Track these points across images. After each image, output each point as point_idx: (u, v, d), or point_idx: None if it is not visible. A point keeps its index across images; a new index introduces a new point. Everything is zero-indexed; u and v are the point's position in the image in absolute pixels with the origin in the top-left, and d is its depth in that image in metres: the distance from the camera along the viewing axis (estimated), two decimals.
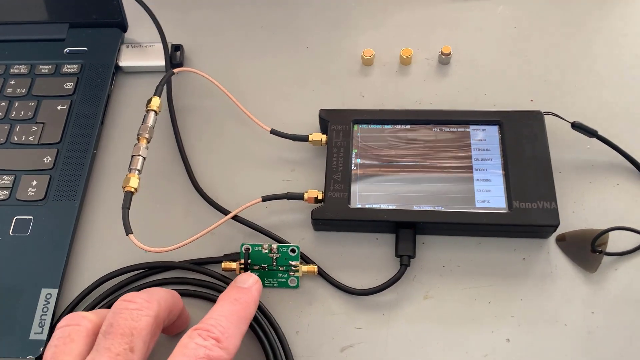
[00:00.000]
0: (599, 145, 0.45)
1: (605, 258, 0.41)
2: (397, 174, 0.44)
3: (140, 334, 0.32)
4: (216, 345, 0.32)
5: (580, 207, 0.44)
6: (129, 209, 0.41)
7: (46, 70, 0.51)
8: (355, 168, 0.44)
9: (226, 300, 0.36)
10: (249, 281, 0.37)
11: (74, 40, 0.53)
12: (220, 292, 0.41)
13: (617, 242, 0.41)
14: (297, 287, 0.42)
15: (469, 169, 0.44)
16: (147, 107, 0.45)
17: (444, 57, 0.51)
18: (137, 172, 0.42)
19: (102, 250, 0.44)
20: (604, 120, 0.47)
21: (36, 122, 0.48)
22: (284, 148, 0.48)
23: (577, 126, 0.45)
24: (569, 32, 0.53)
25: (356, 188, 0.43)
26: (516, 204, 0.41)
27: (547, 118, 0.45)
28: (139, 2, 0.52)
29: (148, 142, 0.44)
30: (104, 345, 0.31)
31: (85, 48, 0.52)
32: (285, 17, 0.56)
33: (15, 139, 0.48)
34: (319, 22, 0.55)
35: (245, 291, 0.36)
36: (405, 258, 0.41)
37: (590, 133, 0.45)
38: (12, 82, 0.51)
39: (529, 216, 0.41)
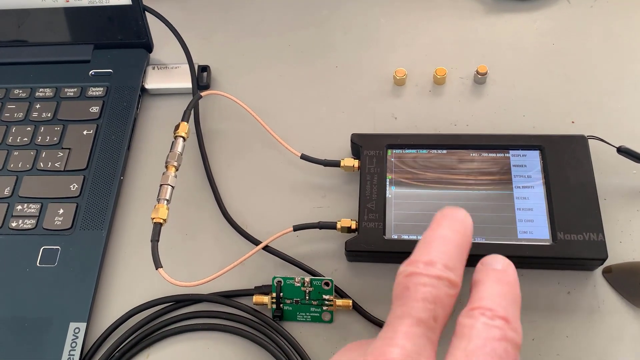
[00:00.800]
0: None
1: None
2: (434, 202, 0.42)
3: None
4: (507, 326, 0.26)
5: (628, 236, 0.42)
6: (158, 241, 0.40)
7: (71, 94, 0.50)
8: (390, 196, 0.43)
9: (488, 281, 0.30)
10: (502, 263, 0.31)
11: (99, 62, 0.52)
12: (252, 326, 0.40)
13: None
14: (331, 321, 0.41)
15: (510, 197, 0.42)
16: (175, 133, 0.44)
17: (479, 76, 0.49)
18: (165, 202, 0.41)
19: (130, 281, 0.43)
20: None
21: (62, 148, 0.48)
22: (315, 173, 0.46)
23: (623, 151, 0.43)
24: (611, 48, 0.50)
25: (391, 217, 0.42)
26: (561, 236, 0.39)
27: (591, 142, 0.43)
28: (164, 22, 0.51)
29: (177, 169, 0.43)
30: None
31: (110, 70, 0.51)
32: (314, 36, 0.54)
33: (42, 165, 0.47)
34: (349, 41, 0.54)
35: (503, 273, 0.31)
36: None
37: (637, 158, 0.43)
38: (38, 105, 0.50)
39: (574, 249, 0.39)
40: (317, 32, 0.55)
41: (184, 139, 0.44)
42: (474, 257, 0.40)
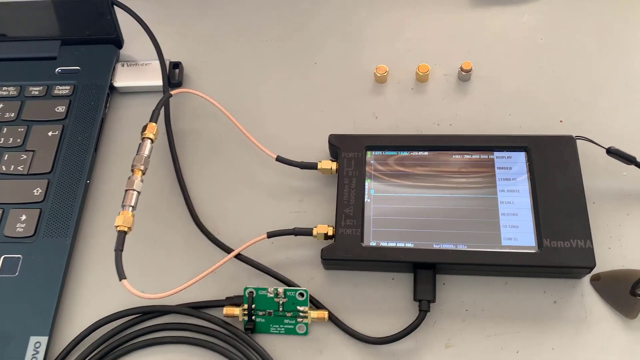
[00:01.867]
0: (637, 173, 0.41)
1: None
2: (415, 207, 0.40)
3: None
4: None
5: (617, 242, 0.40)
6: (122, 250, 0.37)
7: (37, 92, 0.48)
8: (369, 200, 0.41)
9: None
10: None
11: (66, 59, 0.49)
12: (222, 339, 0.38)
13: None
14: (306, 334, 0.39)
15: (494, 201, 0.40)
16: (142, 135, 0.42)
17: (464, 73, 0.46)
18: (130, 208, 0.39)
19: (95, 292, 0.41)
20: None
21: (26, 150, 0.45)
22: (291, 176, 0.44)
23: (612, 152, 0.41)
24: (602, 43, 0.48)
25: (370, 223, 0.40)
26: (547, 243, 0.37)
27: (579, 143, 0.41)
28: (133, 16, 0.48)
29: (143, 173, 0.40)
30: None
31: (78, 67, 0.49)
32: (292, 30, 0.52)
33: (3, 169, 0.44)
34: (329, 36, 0.51)
35: None
36: (424, 303, 0.38)
37: (628, 160, 0.41)
38: (1, 105, 0.47)
39: (561, 257, 0.37)
40: (295, 26, 0.52)
41: (152, 141, 0.42)
42: (457, 265, 0.39)
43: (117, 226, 0.38)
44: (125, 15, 0.48)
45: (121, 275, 0.37)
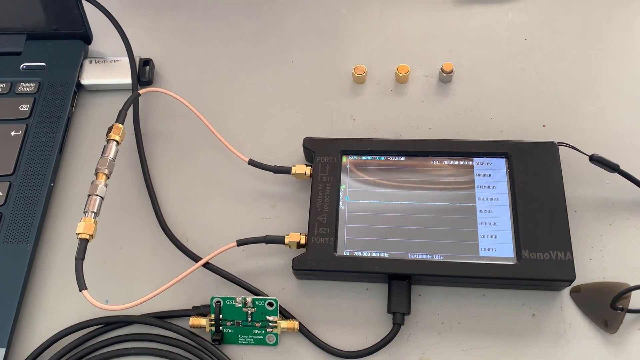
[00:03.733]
0: (621, 181, 0.40)
1: (628, 316, 0.36)
2: (390, 215, 0.38)
3: None
4: None
5: (598, 253, 0.38)
6: (83, 259, 0.36)
7: None
8: (344, 207, 0.39)
9: None
10: None
11: (31, 54, 0.47)
12: (188, 351, 0.37)
13: None
14: (276, 344, 0.37)
15: (472, 210, 0.38)
16: (107, 136, 0.40)
17: (445, 74, 0.45)
18: (93, 215, 0.37)
19: (57, 301, 0.39)
20: (626, 150, 0.41)
21: None
22: (264, 180, 0.43)
23: (595, 160, 0.39)
24: (588, 44, 0.47)
25: (344, 232, 0.38)
26: (525, 254, 0.36)
27: (561, 149, 0.39)
28: (102, 11, 0.46)
29: (108, 177, 0.39)
30: None
31: (43, 63, 0.47)
32: (268, 27, 0.50)
33: None
34: (306, 33, 0.49)
35: None
36: (398, 316, 0.36)
37: (611, 168, 0.39)
38: None
39: (540, 269, 0.36)
40: (271, 22, 0.50)
41: (118, 143, 0.40)
42: (432, 276, 0.37)
43: (79, 234, 0.36)
44: (94, 10, 0.46)
45: (81, 286, 0.35)
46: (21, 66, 0.47)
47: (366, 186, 0.40)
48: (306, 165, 0.41)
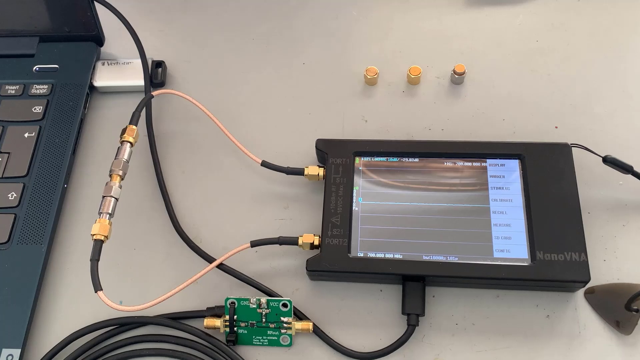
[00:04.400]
0: (634, 182, 0.40)
1: None
2: (404, 216, 0.38)
3: None
4: None
5: (612, 254, 0.38)
6: (98, 260, 0.36)
7: (13, 91, 0.46)
8: (357, 209, 0.39)
9: None
10: None
11: (44, 57, 0.47)
12: (203, 352, 0.37)
13: None
14: (290, 345, 0.37)
15: (486, 211, 0.38)
16: (121, 138, 0.40)
17: (457, 76, 0.45)
18: (108, 216, 0.37)
19: (72, 302, 0.39)
20: (639, 151, 0.41)
21: (0, 152, 0.43)
22: (277, 182, 0.43)
23: (609, 161, 0.39)
24: (599, 46, 0.47)
25: (357, 233, 0.38)
26: (540, 255, 0.36)
27: (574, 151, 0.39)
28: (114, 13, 0.46)
29: (122, 179, 0.39)
30: None
31: (56, 65, 0.47)
32: (280, 29, 0.50)
33: None
34: (318, 35, 0.49)
35: None
36: (413, 317, 0.36)
37: (625, 169, 0.39)
38: None
39: (554, 270, 0.36)
40: (283, 25, 0.50)
41: (132, 145, 0.40)
42: (446, 278, 0.37)
43: (94, 235, 0.36)
44: (107, 12, 0.47)
45: (97, 287, 0.35)
46: (34, 68, 0.47)
47: (379, 187, 0.40)
48: (319, 166, 0.41)
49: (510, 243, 0.37)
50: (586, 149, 0.40)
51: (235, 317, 0.37)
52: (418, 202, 0.39)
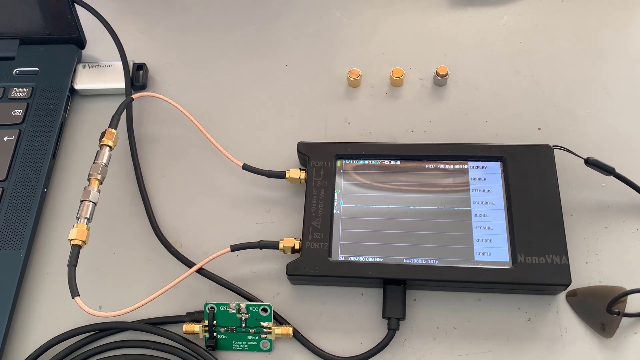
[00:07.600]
0: (616, 184, 0.39)
1: (624, 320, 0.36)
2: (385, 219, 0.38)
3: None
4: None
5: (594, 256, 0.38)
6: (75, 266, 0.36)
7: None
8: (338, 212, 0.39)
9: None
10: None
11: (24, 59, 0.47)
12: (182, 357, 0.37)
13: (637, 300, 0.36)
14: (270, 350, 0.37)
15: (467, 214, 0.38)
16: (100, 142, 0.39)
17: (439, 78, 0.45)
18: (86, 221, 0.37)
19: (50, 308, 0.39)
20: (621, 153, 0.41)
21: None
22: (258, 185, 0.42)
23: (591, 163, 0.39)
24: (583, 47, 0.47)
25: (338, 237, 0.38)
26: (521, 258, 0.36)
27: (557, 153, 0.39)
28: (95, 15, 0.46)
29: (101, 183, 0.38)
30: None
31: (37, 68, 0.47)
32: (262, 31, 0.50)
33: None
34: (300, 37, 0.49)
35: None
36: (393, 321, 0.36)
37: (607, 171, 0.39)
38: None
39: (535, 273, 0.35)
40: (266, 27, 0.50)
41: (111, 148, 0.40)
42: (427, 281, 0.37)
43: (71, 240, 0.36)
44: (88, 14, 0.46)
45: (74, 292, 0.35)
46: (14, 71, 0.47)
47: (361, 190, 0.39)
48: (300, 169, 0.41)
49: (491, 246, 0.37)
50: (568, 150, 0.40)
51: (214, 322, 0.37)
52: (399, 204, 0.39)
